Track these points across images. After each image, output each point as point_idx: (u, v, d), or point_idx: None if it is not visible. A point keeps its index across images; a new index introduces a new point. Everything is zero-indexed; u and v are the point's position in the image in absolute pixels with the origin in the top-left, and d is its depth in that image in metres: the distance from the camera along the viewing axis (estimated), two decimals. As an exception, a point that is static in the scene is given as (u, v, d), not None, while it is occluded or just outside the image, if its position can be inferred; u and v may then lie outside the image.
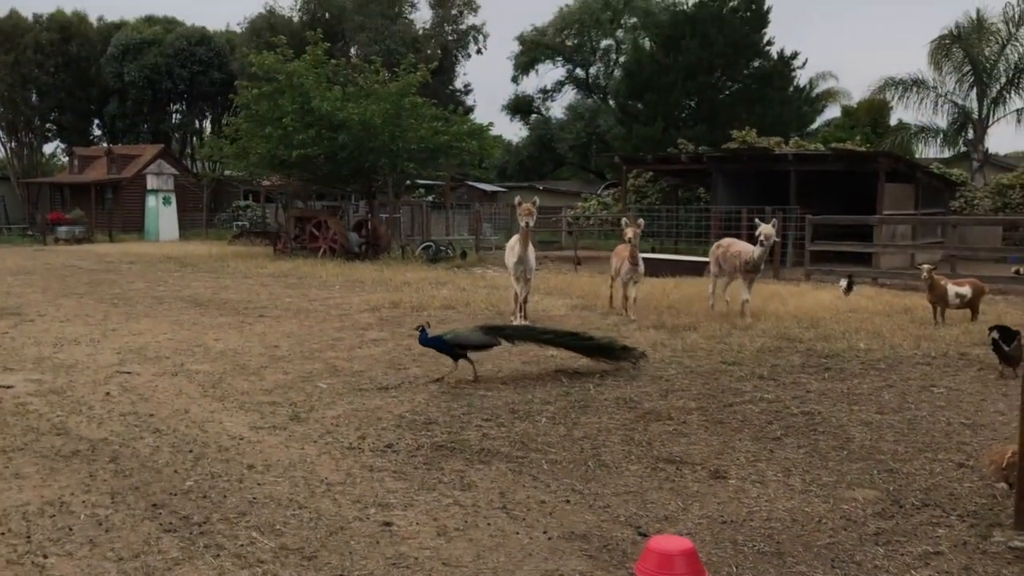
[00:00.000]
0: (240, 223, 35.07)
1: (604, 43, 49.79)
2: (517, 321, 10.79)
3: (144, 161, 38.69)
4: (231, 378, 7.74)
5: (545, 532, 4.22)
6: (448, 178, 29.96)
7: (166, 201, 33.55)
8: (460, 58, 43.22)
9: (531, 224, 11.00)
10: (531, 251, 11.24)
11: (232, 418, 6.31)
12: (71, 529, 4.17)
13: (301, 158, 21.90)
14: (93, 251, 26.51)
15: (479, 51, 43.32)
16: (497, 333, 7.91)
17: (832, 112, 43.33)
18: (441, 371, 7.84)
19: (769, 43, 35.46)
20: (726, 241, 12.55)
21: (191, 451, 5.45)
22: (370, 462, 5.30)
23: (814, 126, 40.07)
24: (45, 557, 3.86)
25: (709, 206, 25.40)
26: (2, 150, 48.45)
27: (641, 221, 11.88)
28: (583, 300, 13.90)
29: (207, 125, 48.16)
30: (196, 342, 9.63)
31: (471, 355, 7.70)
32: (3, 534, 4.11)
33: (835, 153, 24.05)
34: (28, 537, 4.06)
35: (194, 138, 48.30)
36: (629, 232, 11.45)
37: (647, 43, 37.66)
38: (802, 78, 37.57)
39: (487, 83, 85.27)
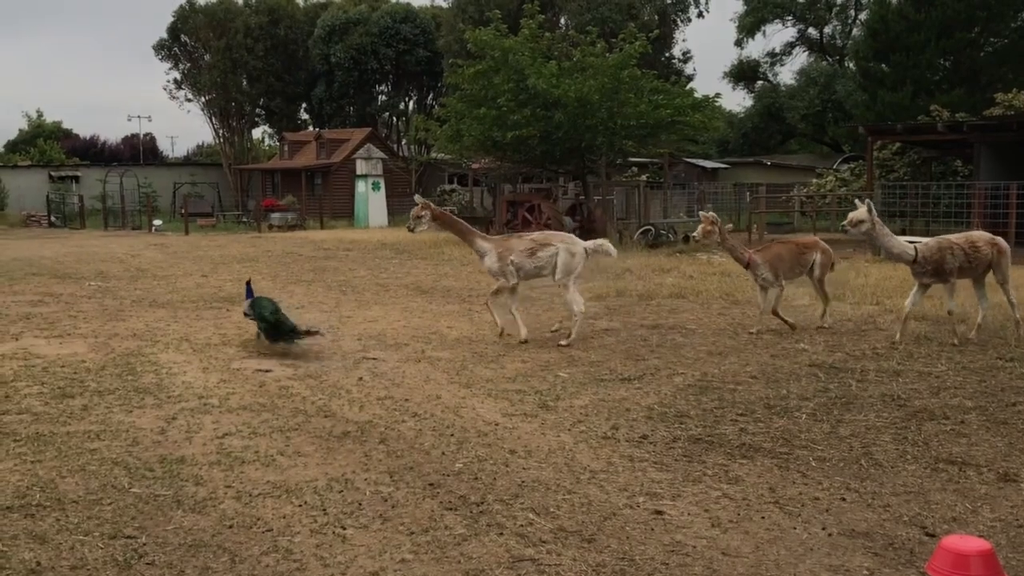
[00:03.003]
0: (447, 208, 36.68)
1: (841, -2, 47.98)
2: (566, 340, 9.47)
3: (352, 145, 41.22)
4: (473, 365, 8.40)
5: (824, 528, 4.46)
6: (667, 155, 30.03)
7: (375, 186, 35.55)
8: (679, 23, 43.05)
9: (416, 229, 10.18)
10: (518, 252, 9.72)
11: (483, 404, 6.91)
12: (360, 504, 4.82)
13: (515, 139, 22.72)
14: (307, 238, 28.61)
15: (700, 14, 43.00)
16: (253, 305, 9.21)
17: (1124, 68, 39.66)
18: (679, 364, 8.21)
19: (1044, -11, 33.02)
20: None
21: (452, 435, 6.06)
22: (628, 452, 5.70)
23: (1100, 85, 36.89)
24: (344, 528, 4.51)
25: (969, 181, 24.14)
26: (215, 136, 52.95)
27: (714, 215, 10.26)
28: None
29: (412, 106, 50.49)
30: (430, 329, 10.43)
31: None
32: (300, 506, 4.81)
33: None
34: (324, 510, 4.74)
35: (399, 120, 50.79)
36: (698, 231, 10.32)
37: (893, -4, 35.97)
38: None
39: (706, 48, 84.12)
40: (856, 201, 9.47)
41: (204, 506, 4.80)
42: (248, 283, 9.51)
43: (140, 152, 64.49)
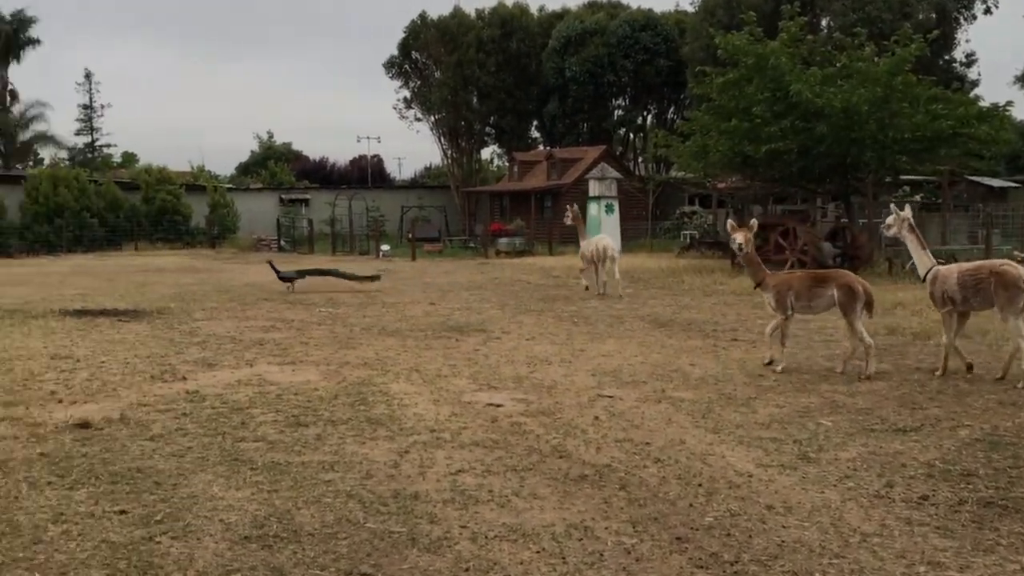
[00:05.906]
0: (688, 232, 36.41)
1: None
2: None
3: (585, 164, 41.77)
4: (720, 408, 8.30)
5: None
6: (946, 173, 28.55)
7: (608, 209, 35.72)
8: (962, 21, 40.87)
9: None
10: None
11: (733, 452, 6.82)
12: (602, 555, 4.87)
13: (769, 154, 22.31)
14: (536, 264, 29.26)
15: (987, 11, 40.59)
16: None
17: None
18: (964, 415, 7.79)
19: None
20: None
21: (700, 485, 6.02)
22: (905, 514, 5.46)
23: None
24: (584, 579, 4.57)
25: None
26: (443, 157, 55.13)
27: (754, 222, 11.08)
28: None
29: (651, 120, 50.57)
30: (671, 366, 10.41)
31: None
32: (538, 552, 4.92)
33: None
34: (563, 558, 4.83)
35: (636, 136, 50.99)
36: (740, 238, 10.58)
37: None
38: None
39: (994, 49, 79.45)
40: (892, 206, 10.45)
41: (439, 546, 5.00)
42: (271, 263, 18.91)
43: (368, 174, 68.02)
